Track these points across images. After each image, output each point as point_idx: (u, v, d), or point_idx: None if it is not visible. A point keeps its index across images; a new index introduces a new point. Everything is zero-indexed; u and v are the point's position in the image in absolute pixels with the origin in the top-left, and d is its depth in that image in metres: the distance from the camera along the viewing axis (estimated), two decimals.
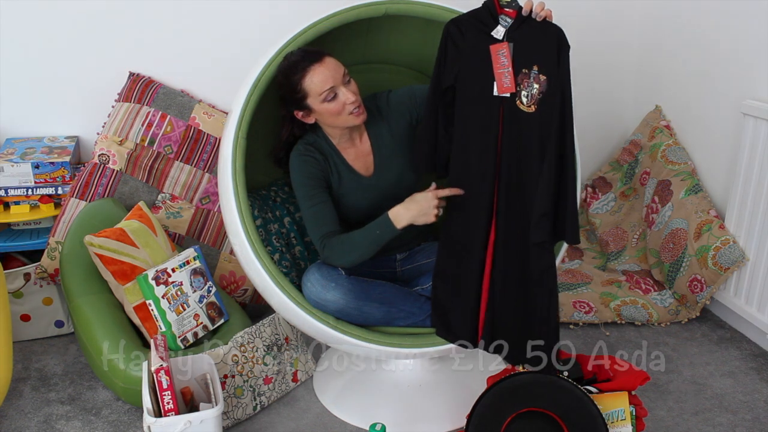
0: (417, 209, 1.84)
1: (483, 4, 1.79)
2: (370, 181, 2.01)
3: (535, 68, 1.72)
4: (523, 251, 1.80)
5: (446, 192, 1.84)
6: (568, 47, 1.72)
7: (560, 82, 1.72)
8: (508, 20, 1.75)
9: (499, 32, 1.75)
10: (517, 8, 1.75)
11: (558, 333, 1.82)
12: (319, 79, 1.84)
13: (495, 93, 1.76)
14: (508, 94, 1.75)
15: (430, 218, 1.84)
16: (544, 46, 1.73)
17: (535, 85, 1.73)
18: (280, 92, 1.92)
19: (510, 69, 1.74)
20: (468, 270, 1.85)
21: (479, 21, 1.78)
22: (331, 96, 1.85)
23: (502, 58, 1.74)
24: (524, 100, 1.74)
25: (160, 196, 2.59)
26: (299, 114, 1.93)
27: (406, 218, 1.84)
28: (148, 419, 1.78)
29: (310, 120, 1.94)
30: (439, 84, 1.83)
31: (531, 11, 1.72)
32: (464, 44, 1.78)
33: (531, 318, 1.82)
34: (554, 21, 1.74)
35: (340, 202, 1.99)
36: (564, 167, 1.74)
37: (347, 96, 1.85)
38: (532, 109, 1.74)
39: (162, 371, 1.79)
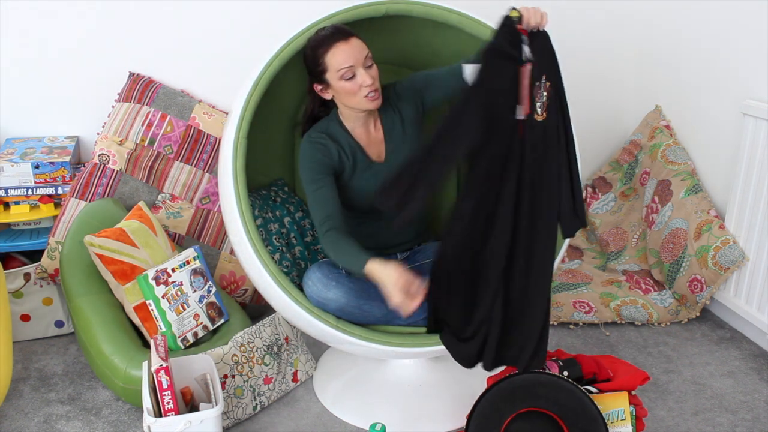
0: (383, 284, 1.76)
1: (502, 26, 1.71)
2: (381, 167, 2.02)
3: (543, 77, 1.73)
4: (535, 266, 1.78)
5: (414, 306, 1.73)
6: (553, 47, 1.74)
7: (558, 83, 1.74)
8: (525, 38, 1.75)
9: (526, 53, 1.72)
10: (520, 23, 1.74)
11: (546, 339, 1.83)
12: (340, 56, 1.87)
13: (519, 115, 1.75)
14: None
15: (395, 301, 1.73)
16: (546, 54, 1.73)
17: (544, 93, 1.74)
18: (305, 63, 1.95)
19: (528, 92, 1.74)
20: (482, 277, 1.80)
21: (507, 43, 1.73)
22: (349, 75, 1.88)
23: (525, 80, 1.74)
24: (538, 110, 1.74)
25: (160, 196, 2.58)
26: (318, 87, 1.96)
27: (374, 277, 1.78)
28: (148, 419, 1.78)
29: (327, 95, 1.96)
30: (497, 114, 1.72)
31: (534, 25, 1.71)
32: (499, 68, 1.74)
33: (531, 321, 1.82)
34: (554, 22, 1.75)
35: (353, 187, 2.01)
36: (572, 163, 1.77)
37: (364, 78, 1.88)
38: (544, 116, 1.74)
39: (162, 371, 1.79)
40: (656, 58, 3.03)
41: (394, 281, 1.73)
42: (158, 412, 1.81)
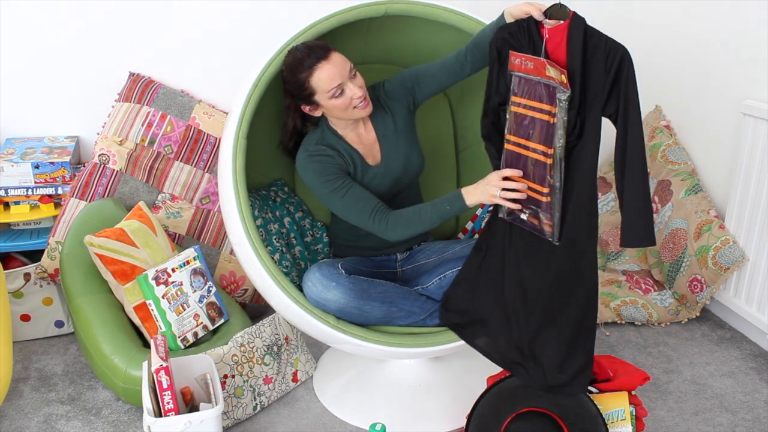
0: (482, 185, 1.81)
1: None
2: (378, 170, 2.02)
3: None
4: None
5: (509, 172, 1.77)
6: None
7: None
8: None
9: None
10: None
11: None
12: (326, 76, 1.84)
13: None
14: None
15: (492, 194, 1.77)
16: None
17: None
18: (286, 87, 1.93)
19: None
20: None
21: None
22: (338, 92, 1.85)
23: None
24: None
25: (160, 196, 2.59)
26: (306, 108, 1.93)
27: (474, 195, 1.82)
28: (148, 419, 1.78)
29: (318, 113, 1.94)
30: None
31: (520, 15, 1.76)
32: None
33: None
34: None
35: None
36: None
37: (354, 91, 1.86)
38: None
39: (162, 371, 1.79)
40: (656, 58, 3.03)
41: (495, 180, 1.77)
42: (158, 412, 1.81)
